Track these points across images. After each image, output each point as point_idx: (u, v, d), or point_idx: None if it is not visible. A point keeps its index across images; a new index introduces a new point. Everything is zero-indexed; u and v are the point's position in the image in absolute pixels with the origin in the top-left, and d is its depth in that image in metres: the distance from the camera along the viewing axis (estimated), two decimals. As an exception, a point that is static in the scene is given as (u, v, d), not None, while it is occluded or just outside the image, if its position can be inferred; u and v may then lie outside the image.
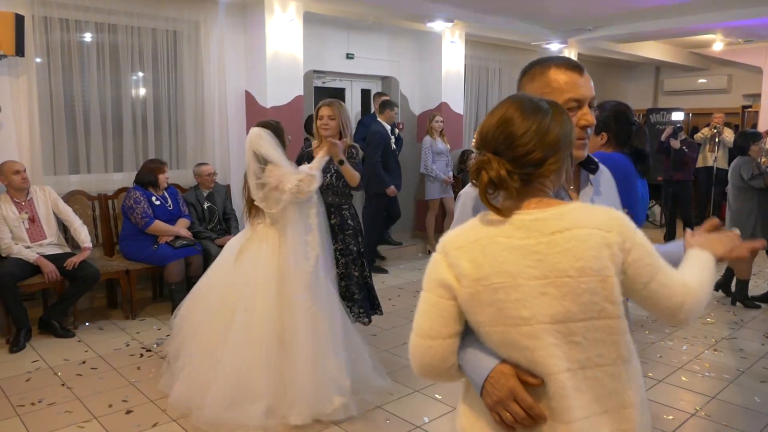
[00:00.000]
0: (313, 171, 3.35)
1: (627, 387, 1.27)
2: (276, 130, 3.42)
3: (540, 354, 1.23)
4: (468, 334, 1.33)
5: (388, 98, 6.85)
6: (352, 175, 3.70)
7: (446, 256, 1.29)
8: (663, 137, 7.84)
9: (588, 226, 1.22)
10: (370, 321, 3.98)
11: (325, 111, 3.78)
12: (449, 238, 1.33)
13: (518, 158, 1.24)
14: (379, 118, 6.52)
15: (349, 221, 3.85)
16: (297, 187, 3.22)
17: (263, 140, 3.32)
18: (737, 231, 1.47)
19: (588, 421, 1.25)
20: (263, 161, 3.31)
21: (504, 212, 1.26)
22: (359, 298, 3.85)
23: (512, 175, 1.24)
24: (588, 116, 1.50)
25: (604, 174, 1.66)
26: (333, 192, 3.80)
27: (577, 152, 1.46)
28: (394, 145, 6.61)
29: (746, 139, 5.54)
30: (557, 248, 1.21)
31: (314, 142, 3.92)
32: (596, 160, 1.61)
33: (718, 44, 9.36)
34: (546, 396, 1.25)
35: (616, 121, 2.50)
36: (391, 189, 6.39)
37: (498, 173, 1.23)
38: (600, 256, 1.20)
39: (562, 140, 1.27)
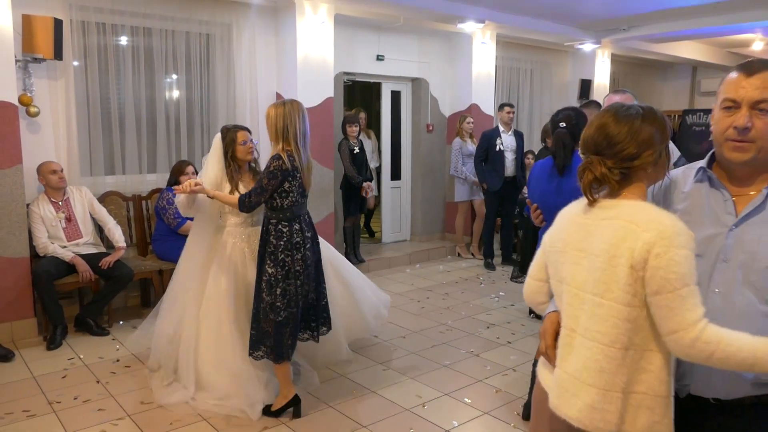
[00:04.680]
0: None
1: (619, 372, 1.39)
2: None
3: (562, 308, 1.57)
4: None
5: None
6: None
7: (552, 224, 1.66)
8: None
9: (629, 220, 1.41)
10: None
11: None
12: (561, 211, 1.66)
13: (616, 154, 1.47)
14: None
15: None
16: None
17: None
18: None
19: (573, 380, 1.46)
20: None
21: (591, 200, 1.51)
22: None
23: (612, 170, 1.47)
24: (739, 118, 1.45)
25: None
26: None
27: (728, 154, 1.50)
28: (501, 146, 6.69)
29: None
30: (598, 230, 1.46)
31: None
32: None
33: (757, 44, 9.12)
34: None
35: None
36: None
37: (600, 171, 1.47)
38: (621, 245, 1.39)
39: (654, 137, 1.47)
